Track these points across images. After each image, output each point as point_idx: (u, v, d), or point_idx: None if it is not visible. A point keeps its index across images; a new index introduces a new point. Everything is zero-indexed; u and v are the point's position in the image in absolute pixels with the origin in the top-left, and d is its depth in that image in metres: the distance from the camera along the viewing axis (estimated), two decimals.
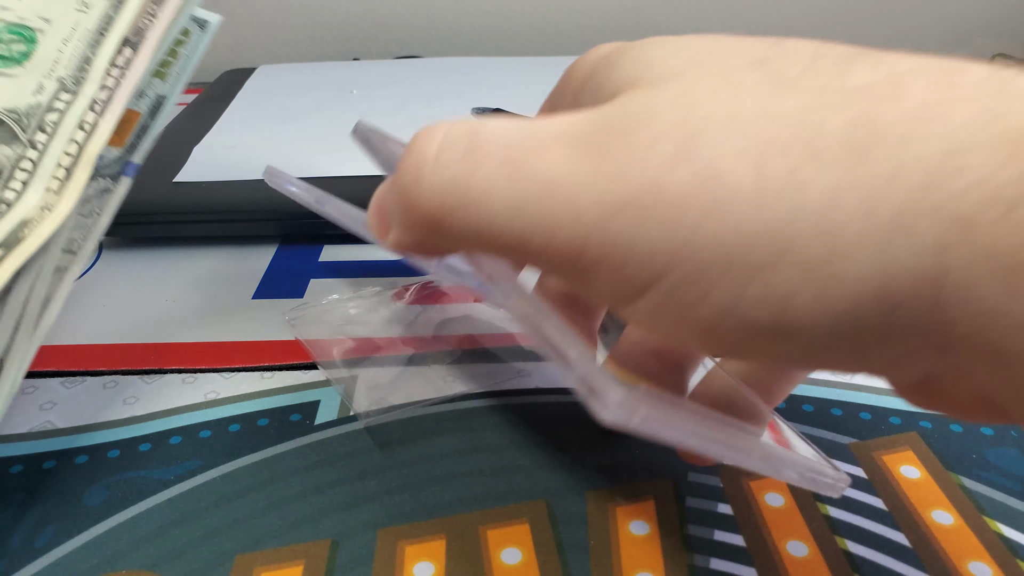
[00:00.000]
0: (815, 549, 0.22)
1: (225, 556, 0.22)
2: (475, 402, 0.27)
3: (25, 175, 0.23)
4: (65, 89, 0.24)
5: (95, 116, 0.24)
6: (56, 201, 0.23)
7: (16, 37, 0.25)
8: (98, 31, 0.25)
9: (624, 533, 0.23)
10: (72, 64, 0.25)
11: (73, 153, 0.24)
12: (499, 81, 0.55)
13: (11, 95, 0.24)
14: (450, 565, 0.22)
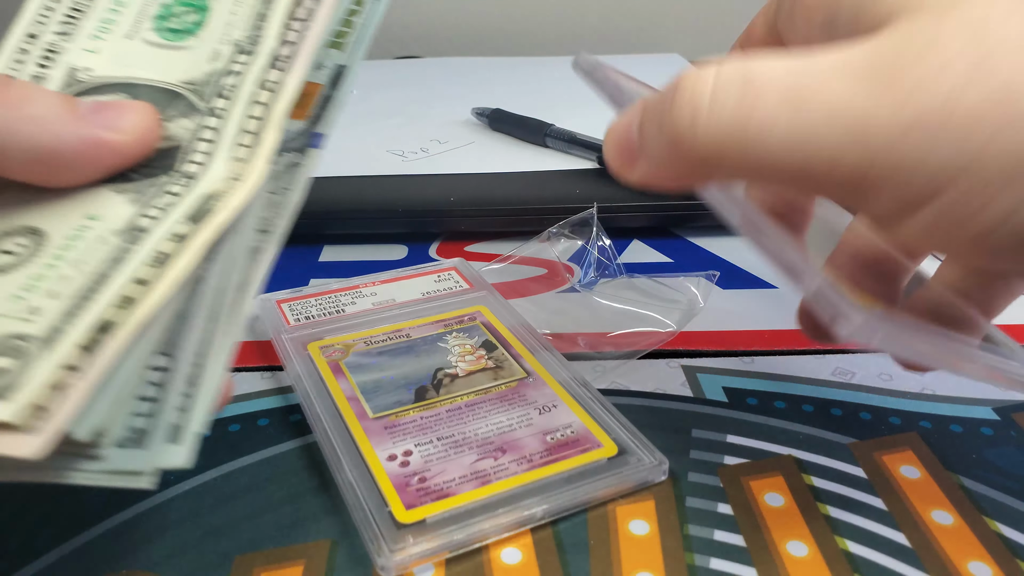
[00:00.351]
0: (815, 549, 0.22)
1: (225, 556, 0.22)
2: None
3: (207, 145, 0.21)
4: (242, 51, 0.22)
5: (279, 74, 0.22)
6: (245, 170, 0.21)
7: (187, 8, 0.24)
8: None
9: (624, 533, 0.23)
10: (246, 24, 0.23)
11: (259, 115, 0.21)
12: (499, 81, 0.55)
13: (186, 67, 0.23)
14: (450, 565, 0.22)
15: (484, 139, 0.45)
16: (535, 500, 0.23)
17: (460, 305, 0.32)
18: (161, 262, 0.19)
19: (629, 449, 0.24)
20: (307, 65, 0.22)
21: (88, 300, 0.18)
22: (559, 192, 0.39)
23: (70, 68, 0.23)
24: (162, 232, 0.19)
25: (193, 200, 0.20)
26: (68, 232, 0.20)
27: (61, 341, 0.18)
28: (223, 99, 0.22)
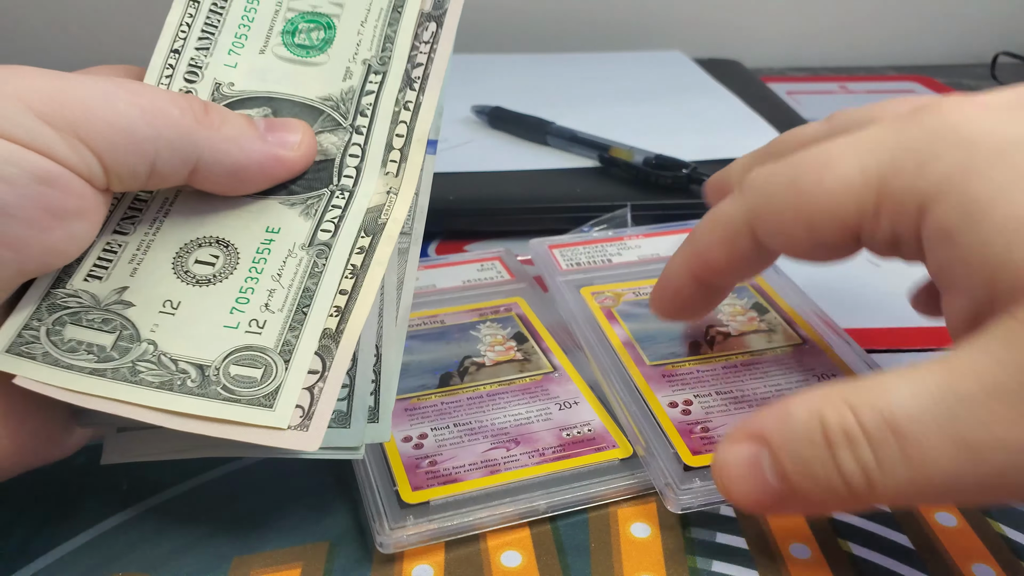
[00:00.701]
0: (817, 551, 0.22)
1: (223, 558, 0.22)
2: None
3: (356, 160, 0.24)
4: (373, 71, 0.24)
5: (415, 94, 0.24)
6: (399, 184, 0.23)
7: (313, 24, 0.25)
8: (393, 8, 0.25)
9: (625, 535, 0.22)
10: (375, 44, 0.25)
11: (403, 134, 0.24)
12: (499, 79, 0.55)
13: (322, 84, 0.25)
14: (450, 568, 0.21)
15: (484, 137, 0.45)
16: (540, 494, 0.23)
17: (498, 295, 0.32)
18: (355, 273, 0.22)
19: (647, 454, 0.24)
20: (440, 85, 0.25)
21: (305, 314, 0.21)
22: (560, 191, 0.39)
23: (215, 82, 0.25)
24: (345, 246, 0.22)
25: (360, 213, 0.23)
26: (255, 246, 0.23)
27: (297, 352, 0.21)
28: (364, 117, 0.24)
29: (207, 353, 0.21)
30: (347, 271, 0.22)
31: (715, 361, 0.27)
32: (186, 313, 0.21)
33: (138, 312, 0.21)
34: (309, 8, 0.25)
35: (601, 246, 0.33)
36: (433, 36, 0.25)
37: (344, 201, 0.23)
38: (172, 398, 0.20)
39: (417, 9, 0.25)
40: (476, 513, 0.22)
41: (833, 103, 0.58)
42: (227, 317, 0.21)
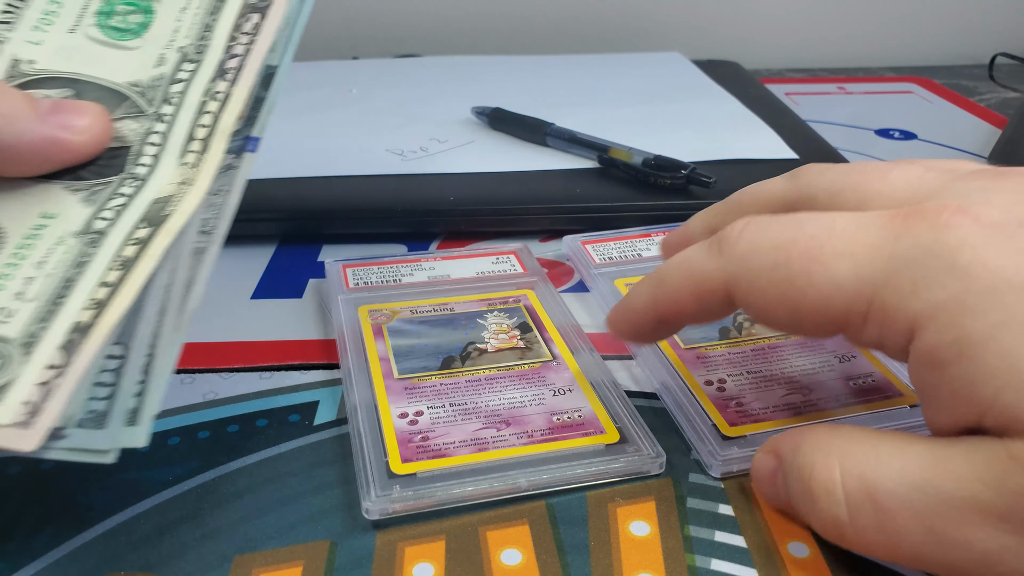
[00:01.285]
0: (816, 551, 0.22)
1: (224, 557, 0.22)
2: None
3: (155, 149, 0.23)
4: (188, 59, 0.23)
5: (227, 85, 0.23)
6: (195, 175, 0.22)
7: (131, 8, 0.24)
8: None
9: (625, 534, 0.22)
10: (193, 32, 0.24)
11: (208, 124, 0.23)
12: (499, 80, 0.55)
13: (133, 68, 0.24)
14: (450, 566, 0.22)
15: (484, 138, 0.45)
16: (522, 471, 0.24)
17: (509, 287, 0.33)
18: (125, 266, 0.20)
19: (630, 439, 0.25)
20: (253, 78, 0.23)
21: (59, 305, 0.20)
22: (559, 191, 0.39)
23: (13, 59, 0.23)
24: (120, 235, 0.21)
25: (145, 203, 0.21)
26: (25, 231, 0.21)
27: (40, 345, 0.19)
28: (170, 105, 0.23)
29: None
30: (116, 262, 0.20)
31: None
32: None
33: None
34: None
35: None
36: (255, 27, 0.24)
37: (133, 190, 0.22)
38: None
39: (240, 1, 0.24)
40: (460, 487, 0.23)
41: (832, 104, 0.58)
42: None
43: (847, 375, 0.27)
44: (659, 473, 0.24)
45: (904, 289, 0.18)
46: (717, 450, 0.24)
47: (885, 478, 0.18)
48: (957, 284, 0.17)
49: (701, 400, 0.26)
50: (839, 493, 0.19)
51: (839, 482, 0.19)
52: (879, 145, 0.50)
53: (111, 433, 0.20)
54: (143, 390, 0.20)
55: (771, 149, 0.43)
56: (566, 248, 0.36)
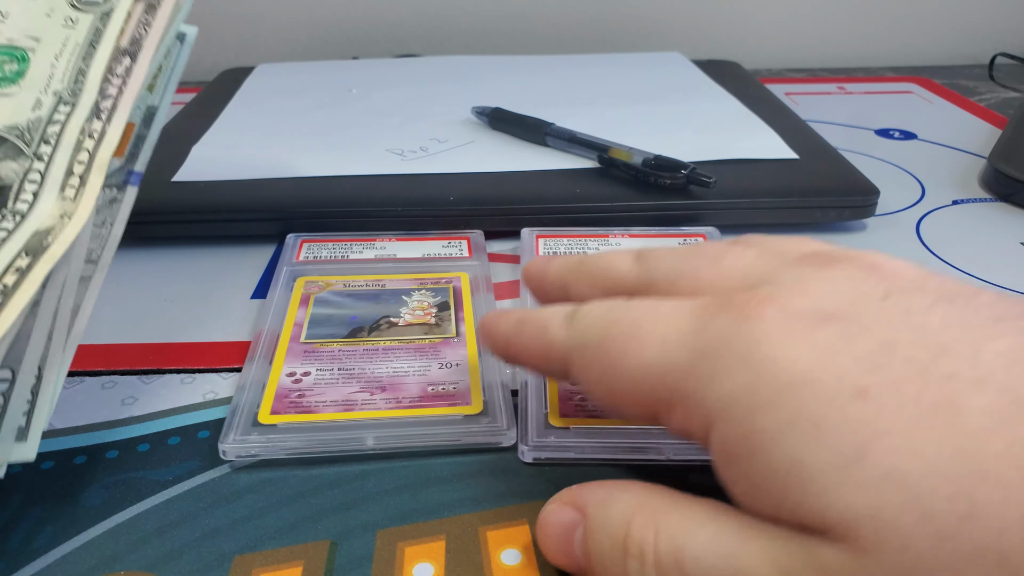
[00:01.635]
0: None
1: (224, 557, 0.22)
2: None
3: (34, 186, 0.24)
4: (63, 102, 0.25)
5: (101, 124, 0.25)
6: (74, 208, 0.23)
7: (7, 58, 0.25)
8: (89, 44, 0.25)
9: None
10: (67, 77, 0.25)
11: (84, 160, 0.24)
12: (499, 80, 0.55)
13: (10, 113, 0.25)
14: (450, 566, 0.22)
15: (484, 138, 0.45)
16: (372, 431, 0.25)
17: (447, 269, 0.34)
18: (5, 293, 0.22)
19: (490, 413, 0.26)
20: (126, 116, 0.25)
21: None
22: (559, 191, 0.39)
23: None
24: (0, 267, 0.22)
25: (26, 235, 0.23)
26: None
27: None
28: (47, 145, 0.24)
29: None
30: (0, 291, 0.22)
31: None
32: None
33: None
34: (5, 41, 0.26)
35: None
36: (126, 70, 0.25)
37: (13, 225, 0.23)
38: None
39: (112, 45, 0.26)
40: (308, 439, 0.25)
41: (831, 104, 0.58)
42: None
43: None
44: (508, 446, 0.25)
45: (703, 378, 0.18)
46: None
47: (695, 545, 0.18)
48: (750, 377, 0.17)
49: (550, 391, 0.27)
50: (651, 555, 0.18)
51: (652, 545, 0.18)
52: (879, 145, 0.50)
53: (2, 448, 0.21)
54: (31, 409, 0.22)
55: (771, 149, 0.43)
56: (523, 239, 0.36)
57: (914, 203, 0.43)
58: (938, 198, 0.43)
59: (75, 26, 0.26)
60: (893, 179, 0.45)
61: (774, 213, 0.38)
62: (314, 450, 0.25)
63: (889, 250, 0.37)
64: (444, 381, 0.27)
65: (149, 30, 0.26)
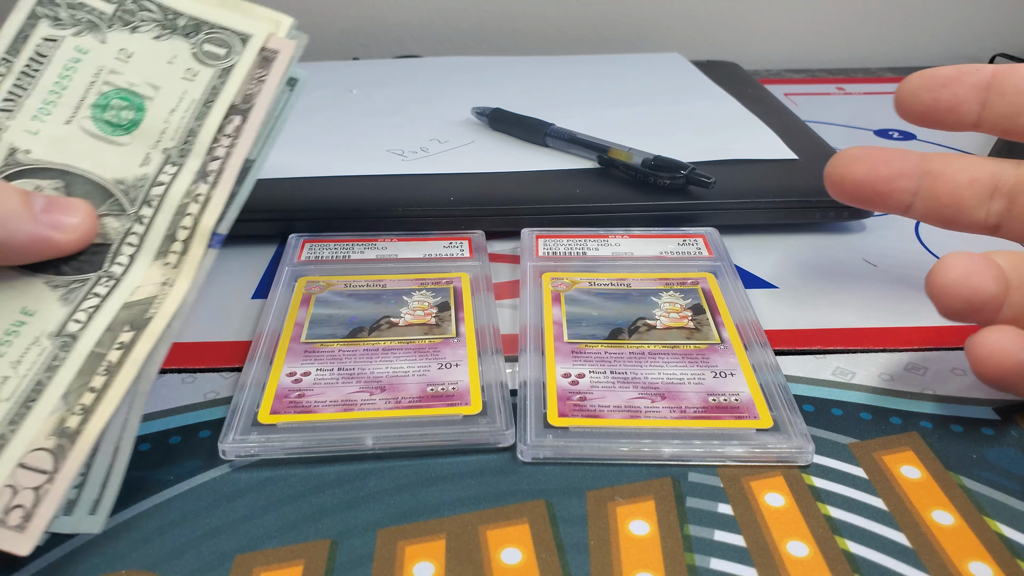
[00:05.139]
0: (815, 549, 0.22)
1: (224, 556, 0.22)
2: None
3: (132, 249, 0.24)
4: (171, 162, 0.24)
5: (207, 187, 0.24)
6: (176, 276, 0.23)
7: (125, 104, 0.25)
8: (204, 101, 0.25)
9: (624, 533, 0.23)
10: (178, 136, 0.25)
11: (188, 226, 0.24)
12: (499, 81, 0.55)
13: (119, 166, 0.24)
14: (450, 565, 0.22)
15: (484, 139, 0.45)
16: (371, 431, 0.25)
17: (447, 269, 0.34)
18: (110, 371, 0.22)
19: (489, 414, 0.26)
20: (233, 179, 0.24)
21: (29, 408, 0.21)
22: (559, 192, 0.39)
23: (10, 147, 0.24)
24: (91, 340, 0.22)
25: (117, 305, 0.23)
26: (5, 326, 0.22)
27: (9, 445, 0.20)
28: (149, 207, 0.24)
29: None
30: (102, 367, 0.22)
31: (626, 347, 0.29)
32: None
33: None
34: (126, 84, 0.25)
35: (582, 240, 0.36)
36: (236, 130, 0.25)
37: (107, 290, 0.23)
38: None
39: (227, 104, 0.25)
40: (308, 437, 0.25)
41: (831, 104, 0.58)
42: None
43: (712, 391, 0.27)
44: (507, 446, 0.25)
45: None
46: (531, 436, 0.25)
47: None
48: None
49: (549, 390, 0.27)
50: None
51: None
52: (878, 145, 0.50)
53: (75, 520, 0.21)
54: (106, 483, 0.22)
55: (770, 149, 0.43)
56: (523, 240, 0.36)
57: None
58: None
59: (194, 80, 0.25)
60: None
61: (773, 213, 0.39)
62: (314, 450, 0.25)
63: (888, 251, 0.38)
64: (444, 381, 0.27)
65: (263, 84, 0.25)
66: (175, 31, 0.25)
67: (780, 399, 0.26)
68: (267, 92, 0.25)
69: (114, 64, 0.25)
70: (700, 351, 0.29)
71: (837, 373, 0.29)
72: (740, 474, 0.24)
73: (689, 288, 0.33)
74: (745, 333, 0.30)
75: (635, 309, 0.31)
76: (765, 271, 0.36)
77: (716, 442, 0.25)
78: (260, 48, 0.25)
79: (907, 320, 0.32)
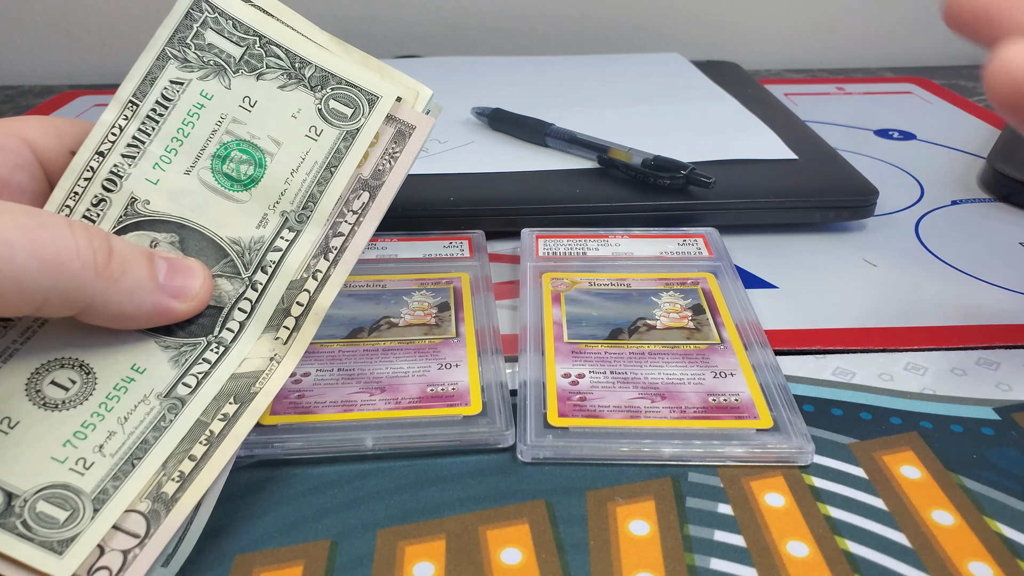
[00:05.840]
0: (815, 549, 0.22)
1: (224, 556, 0.22)
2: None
3: (243, 316, 0.23)
4: (288, 227, 0.23)
5: (327, 265, 0.23)
6: (285, 352, 0.23)
7: (246, 157, 0.24)
8: (327, 165, 0.24)
9: (624, 533, 0.23)
10: (298, 199, 0.24)
11: (304, 303, 0.23)
12: (499, 81, 0.55)
13: (236, 224, 0.23)
14: (450, 565, 0.22)
15: (484, 138, 0.45)
16: (371, 432, 0.25)
17: (447, 269, 0.34)
18: (211, 442, 0.21)
19: (489, 415, 0.26)
20: (355, 260, 0.23)
21: (133, 466, 0.21)
22: (559, 192, 0.39)
23: (131, 197, 0.24)
24: (199, 407, 0.22)
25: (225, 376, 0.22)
26: (115, 381, 0.22)
27: (110, 502, 0.20)
28: (263, 273, 0.23)
29: (22, 482, 0.20)
30: (203, 436, 0.21)
31: (626, 347, 0.29)
32: (20, 435, 0.21)
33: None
34: (247, 136, 0.24)
35: (582, 240, 0.36)
36: (363, 207, 0.24)
37: (216, 356, 0.22)
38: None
39: (351, 173, 0.24)
40: (308, 438, 0.25)
41: (831, 104, 0.58)
42: (58, 449, 0.21)
43: (712, 391, 0.27)
44: (507, 447, 0.25)
45: None
46: (531, 436, 0.25)
47: None
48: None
49: (548, 390, 0.27)
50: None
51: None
52: (878, 145, 0.50)
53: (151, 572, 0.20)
54: (183, 536, 0.21)
55: (770, 149, 0.43)
56: (523, 240, 0.36)
57: (913, 203, 0.43)
58: (937, 198, 0.43)
59: (318, 139, 0.24)
60: (892, 179, 0.45)
61: (773, 213, 0.39)
62: (314, 451, 0.25)
63: (888, 250, 0.38)
64: (443, 382, 0.27)
65: (395, 163, 0.24)
66: (300, 82, 0.24)
67: (780, 399, 0.26)
68: (399, 171, 0.24)
69: (237, 112, 0.24)
70: (700, 351, 0.29)
71: (837, 373, 0.29)
72: (740, 474, 0.24)
73: (689, 288, 0.33)
74: (745, 333, 0.30)
75: (635, 309, 0.31)
76: (765, 271, 0.36)
77: (716, 442, 0.25)
78: (388, 115, 0.24)
79: (907, 320, 0.32)
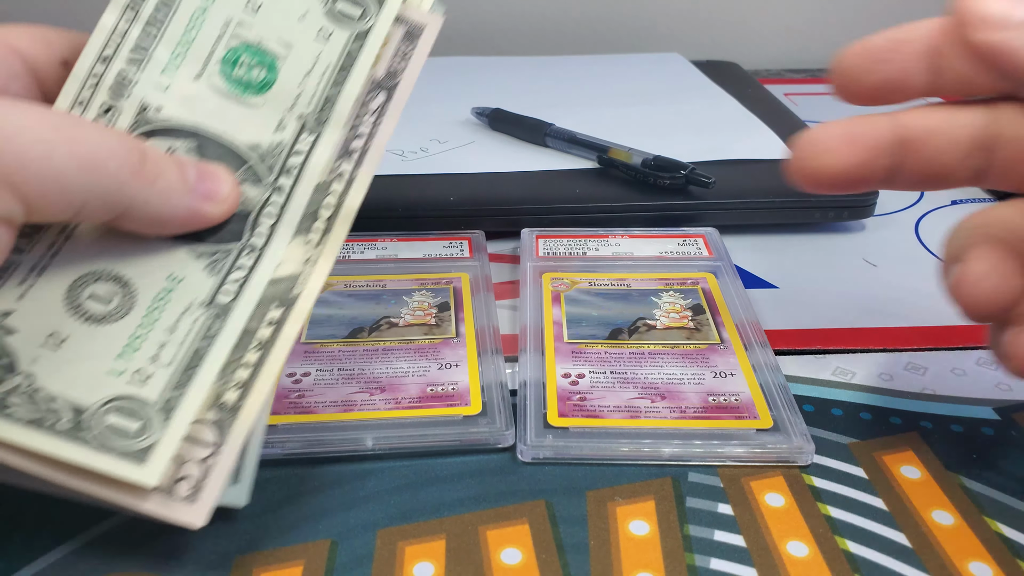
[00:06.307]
0: (815, 549, 0.22)
1: (224, 557, 0.22)
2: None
3: (271, 220, 0.23)
4: (307, 129, 0.23)
5: (351, 167, 0.23)
6: (319, 255, 0.22)
7: (255, 60, 0.23)
8: (340, 67, 0.23)
9: (624, 533, 0.23)
10: (315, 102, 0.23)
11: (331, 205, 0.23)
12: (499, 81, 0.55)
13: (253, 130, 0.23)
14: (450, 565, 0.22)
15: (484, 139, 0.45)
16: (371, 432, 0.25)
17: (447, 269, 0.34)
18: (262, 347, 0.21)
19: (489, 415, 0.26)
20: (378, 161, 0.23)
21: (191, 375, 0.21)
22: (559, 192, 0.39)
23: (141, 104, 0.23)
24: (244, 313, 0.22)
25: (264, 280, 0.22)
26: (154, 292, 0.22)
27: (177, 411, 0.20)
28: (287, 176, 0.23)
29: (86, 396, 0.20)
30: (254, 344, 0.21)
31: (626, 347, 0.29)
32: (71, 350, 0.21)
33: (19, 340, 0.20)
34: (255, 39, 0.23)
35: (582, 240, 0.36)
36: (380, 108, 0.23)
37: (251, 261, 0.22)
38: (41, 437, 0.19)
39: (366, 74, 0.23)
40: (308, 437, 0.25)
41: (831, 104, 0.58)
42: (113, 362, 0.21)
43: (712, 391, 0.27)
44: (507, 447, 0.25)
45: None
46: (531, 436, 0.25)
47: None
48: None
49: (549, 390, 0.27)
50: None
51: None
52: None
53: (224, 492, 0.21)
54: (244, 452, 0.21)
55: (770, 149, 0.43)
56: (523, 240, 0.36)
57: (913, 203, 0.43)
58: (937, 198, 0.43)
59: (328, 41, 0.23)
60: None
61: (773, 213, 0.39)
62: (314, 451, 0.25)
63: (888, 251, 0.38)
64: (443, 382, 0.27)
65: (408, 62, 0.24)
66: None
67: (780, 399, 0.26)
68: (413, 70, 0.24)
69: (242, 16, 0.23)
70: (700, 351, 0.29)
71: (837, 373, 0.29)
72: (740, 474, 0.24)
73: (689, 288, 0.33)
74: (745, 333, 0.30)
75: (635, 309, 0.31)
76: (765, 271, 0.36)
77: (716, 442, 0.25)
78: (397, 16, 0.24)
79: (907, 320, 0.32)
